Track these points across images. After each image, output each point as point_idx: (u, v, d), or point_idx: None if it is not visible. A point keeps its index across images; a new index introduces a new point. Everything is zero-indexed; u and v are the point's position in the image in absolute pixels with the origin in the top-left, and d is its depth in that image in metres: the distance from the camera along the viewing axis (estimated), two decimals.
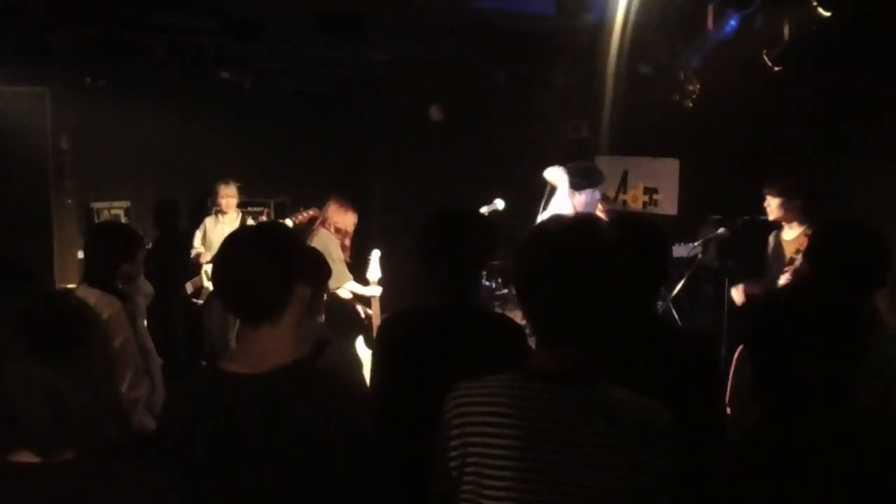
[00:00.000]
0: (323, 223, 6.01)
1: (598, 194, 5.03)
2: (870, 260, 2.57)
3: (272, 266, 1.89)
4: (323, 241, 5.54)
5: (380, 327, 2.86)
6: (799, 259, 4.56)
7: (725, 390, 2.61)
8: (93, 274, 3.77)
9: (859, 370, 1.68)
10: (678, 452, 1.69)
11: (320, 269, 2.59)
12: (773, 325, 1.73)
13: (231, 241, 1.97)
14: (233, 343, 6.88)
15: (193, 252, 6.95)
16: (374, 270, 5.12)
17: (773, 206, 5.00)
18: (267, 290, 1.89)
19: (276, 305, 1.90)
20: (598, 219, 1.77)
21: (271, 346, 1.90)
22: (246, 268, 1.89)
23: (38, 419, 1.52)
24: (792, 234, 5.02)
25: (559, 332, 1.72)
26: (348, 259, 5.95)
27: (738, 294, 5.14)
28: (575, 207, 4.91)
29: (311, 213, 6.90)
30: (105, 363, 1.59)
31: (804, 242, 4.71)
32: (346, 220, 6.02)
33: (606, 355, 1.80)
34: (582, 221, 1.80)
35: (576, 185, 4.92)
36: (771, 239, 5.17)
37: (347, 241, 6.00)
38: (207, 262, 6.66)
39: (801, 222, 4.98)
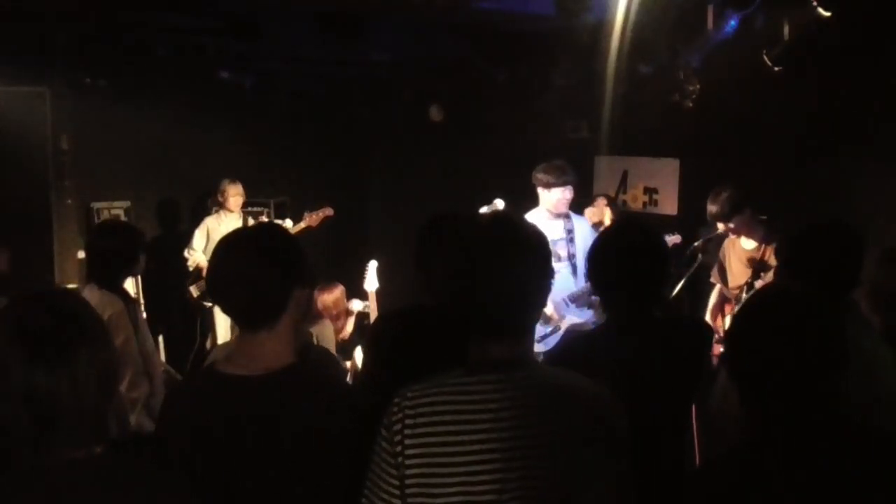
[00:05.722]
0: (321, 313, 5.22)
1: (569, 193, 4.78)
2: (847, 260, 2.57)
3: (269, 271, 1.87)
4: (320, 329, 5.13)
5: (372, 328, 2.85)
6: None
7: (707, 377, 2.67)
8: (96, 273, 3.77)
9: (846, 369, 1.68)
10: (627, 433, 1.72)
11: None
12: (751, 339, 1.72)
13: (228, 243, 1.95)
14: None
15: (191, 259, 6.93)
16: (371, 281, 5.10)
17: (733, 227, 4.63)
18: (264, 296, 1.88)
19: (273, 310, 1.89)
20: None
21: (269, 349, 1.90)
22: (243, 272, 1.88)
23: (23, 424, 1.51)
24: (751, 244, 4.70)
25: (503, 322, 1.75)
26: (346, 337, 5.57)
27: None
28: (548, 208, 4.77)
29: (324, 212, 6.87)
30: (101, 365, 1.57)
31: (766, 252, 4.53)
32: (332, 297, 5.56)
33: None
34: (505, 215, 1.90)
35: (545, 184, 4.77)
36: (727, 246, 4.89)
37: (342, 323, 5.55)
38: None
39: (755, 231, 4.65)
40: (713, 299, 5.08)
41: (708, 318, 4.99)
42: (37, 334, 1.51)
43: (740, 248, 4.77)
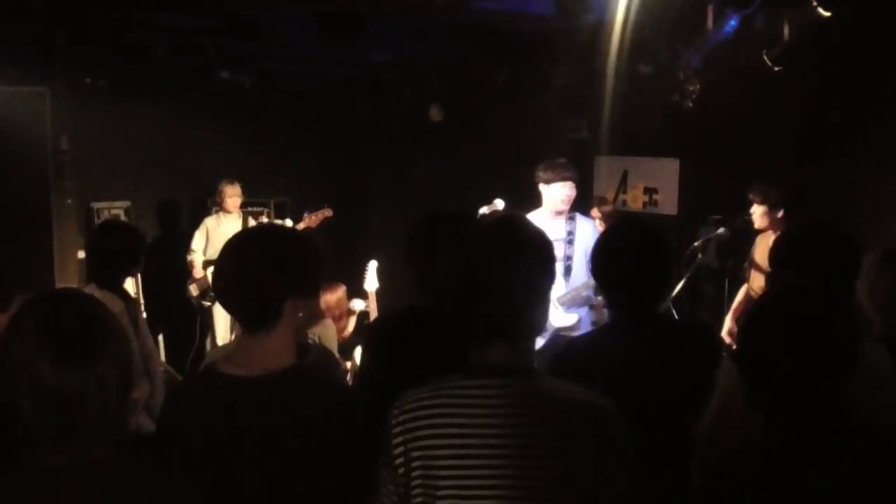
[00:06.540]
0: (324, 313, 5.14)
1: (569, 189, 4.76)
2: (841, 262, 2.55)
3: (265, 274, 1.87)
4: (322, 330, 5.12)
5: (371, 328, 2.85)
6: None
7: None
8: (96, 273, 3.77)
9: (854, 370, 1.68)
10: (629, 444, 1.70)
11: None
12: (764, 336, 1.72)
13: (233, 244, 1.95)
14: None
15: (189, 258, 6.93)
16: (370, 281, 5.11)
17: (757, 214, 4.85)
18: (259, 298, 1.88)
19: (269, 314, 1.88)
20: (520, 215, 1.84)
21: (268, 350, 1.90)
22: (240, 273, 1.88)
23: (47, 423, 1.51)
24: None
25: (503, 324, 1.73)
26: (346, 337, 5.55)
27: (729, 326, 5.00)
28: (550, 206, 4.77)
29: (324, 213, 6.85)
30: (122, 365, 1.58)
31: None
32: (335, 297, 5.42)
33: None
34: (510, 217, 1.87)
35: (545, 180, 4.76)
36: (758, 242, 4.98)
37: (344, 323, 5.46)
38: (210, 265, 6.63)
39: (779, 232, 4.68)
40: (739, 297, 5.08)
41: (729, 317, 5.03)
42: (66, 334, 1.51)
43: (765, 248, 4.78)
